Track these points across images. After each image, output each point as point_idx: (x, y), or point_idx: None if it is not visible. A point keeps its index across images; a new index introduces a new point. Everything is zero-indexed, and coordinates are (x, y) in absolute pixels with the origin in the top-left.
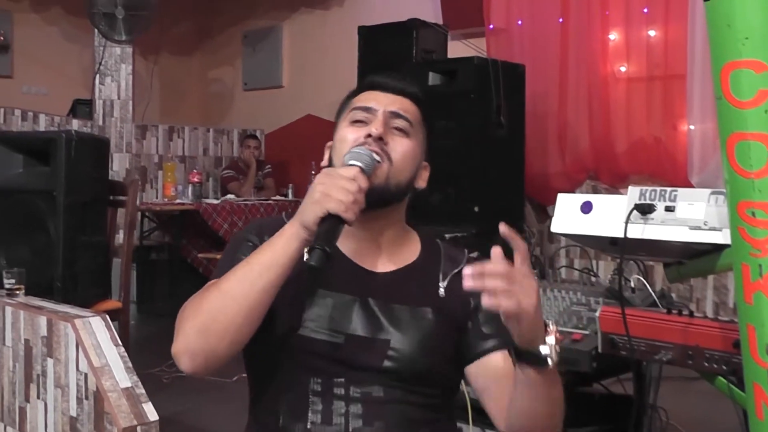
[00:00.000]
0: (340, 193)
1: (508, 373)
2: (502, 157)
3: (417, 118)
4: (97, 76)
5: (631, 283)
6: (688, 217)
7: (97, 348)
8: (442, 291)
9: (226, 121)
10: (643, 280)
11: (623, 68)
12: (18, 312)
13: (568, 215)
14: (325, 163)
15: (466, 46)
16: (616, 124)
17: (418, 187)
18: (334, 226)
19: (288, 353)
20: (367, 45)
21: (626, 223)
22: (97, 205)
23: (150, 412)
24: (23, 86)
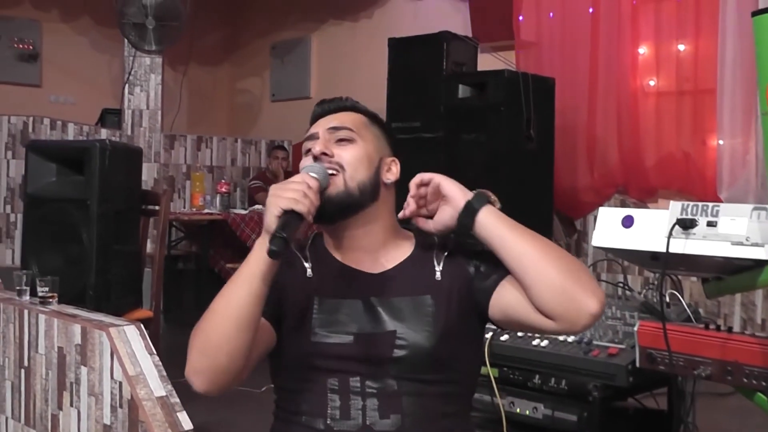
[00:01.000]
0: (288, 192)
1: (519, 288)
2: (531, 170)
3: (359, 122)
4: (127, 85)
5: (666, 298)
6: (730, 232)
7: (131, 356)
8: (438, 275)
9: (253, 132)
10: (678, 295)
11: (652, 82)
12: (51, 320)
13: (610, 229)
14: None
15: (495, 59)
16: (645, 138)
17: (387, 181)
18: (291, 219)
19: (304, 360)
20: (397, 57)
21: (668, 237)
22: (129, 214)
23: (185, 421)
24: (51, 95)
